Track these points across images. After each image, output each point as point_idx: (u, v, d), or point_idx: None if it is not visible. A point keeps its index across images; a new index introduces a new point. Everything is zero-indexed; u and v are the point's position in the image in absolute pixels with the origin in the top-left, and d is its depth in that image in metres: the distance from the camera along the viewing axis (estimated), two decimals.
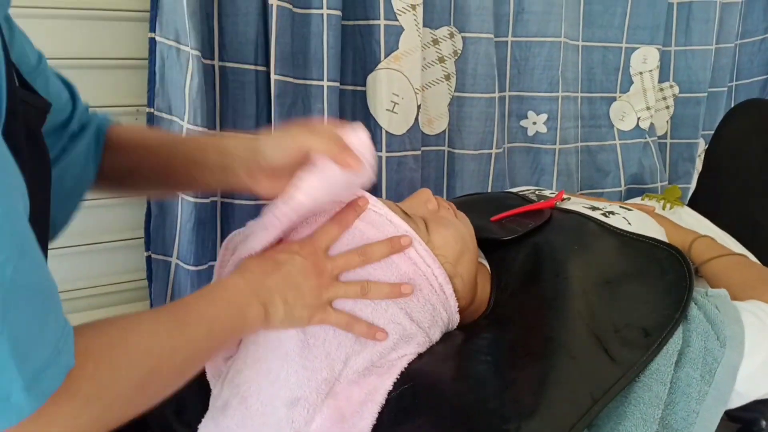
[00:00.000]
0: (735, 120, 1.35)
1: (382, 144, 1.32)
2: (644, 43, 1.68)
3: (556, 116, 1.58)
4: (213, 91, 1.21)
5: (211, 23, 1.19)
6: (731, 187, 1.27)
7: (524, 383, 0.68)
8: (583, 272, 0.81)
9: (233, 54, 1.22)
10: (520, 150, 1.61)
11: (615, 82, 1.70)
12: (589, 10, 1.62)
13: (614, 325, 0.74)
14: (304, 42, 1.22)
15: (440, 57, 1.41)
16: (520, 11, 1.50)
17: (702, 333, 0.73)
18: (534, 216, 0.97)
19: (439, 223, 0.81)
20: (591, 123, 1.71)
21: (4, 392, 0.40)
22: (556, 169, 1.62)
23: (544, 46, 1.53)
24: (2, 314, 0.39)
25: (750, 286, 0.86)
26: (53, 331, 0.43)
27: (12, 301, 0.39)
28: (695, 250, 0.97)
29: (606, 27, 1.64)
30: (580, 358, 0.70)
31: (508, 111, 1.57)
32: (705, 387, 0.71)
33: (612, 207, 1.03)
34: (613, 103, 1.71)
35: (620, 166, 1.73)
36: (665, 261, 0.83)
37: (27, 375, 0.40)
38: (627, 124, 1.72)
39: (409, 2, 1.28)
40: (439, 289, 0.77)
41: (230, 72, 1.23)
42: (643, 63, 1.69)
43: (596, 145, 1.72)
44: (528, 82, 1.56)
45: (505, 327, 0.80)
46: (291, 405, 0.69)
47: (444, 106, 1.44)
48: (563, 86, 1.57)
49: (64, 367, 0.44)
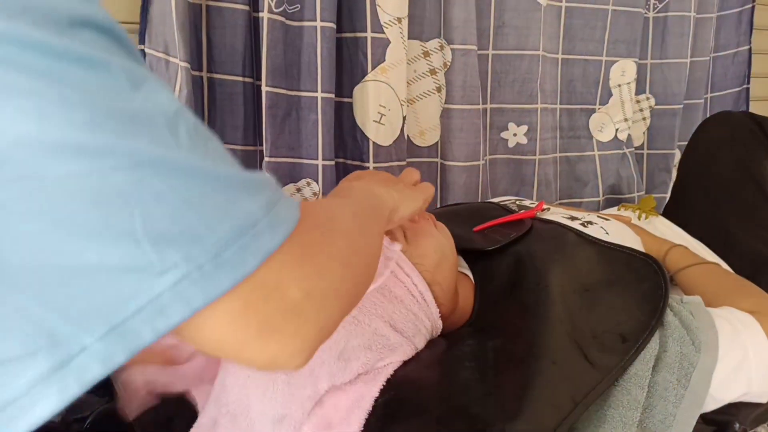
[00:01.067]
0: (707, 132, 1.38)
1: (369, 155, 1.34)
2: (622, 57, 1.71)
3: (535, 127, 1.60)
4: (201, 102, 1.23)
5: (199, 35, 1.21)
6: (703, 197, 1.30)
7: (507, 388, 0.70)
8: (563, 281, 0.84)
9: (221, 66, 1.24)
10: (502, 161, 1.63)
11: (595, 94, 1.73)
12: (570, 23, 1.65)
13: (593, 332, 0.76)
14: (298, 54, 1.23)
15: (431, 69, 1.43)
16: (500, 25, 1.52)
17: (678, 338, 0.76)
18: (515, 226, 1.00)
19: (418, 233, 0.83)
20: (570, 134, 1.73)
21: (250, 221, 0.39)
22: (536, 180, 1.64)
23: (523, 59, 1.55)
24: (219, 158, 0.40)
25: (723, 294, 0.89)
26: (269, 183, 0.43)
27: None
28: (670, 258, 1.00)
29: (587, 40, 1.67)
30: (561, 363, 0.72)
31: (489, 123, 1.60)
32: (681, 391, 0.74)
33: (590, 217, 1.06)
34: (593, 115, 1.74)
35: (599, 176, 1.76)
36: (642, 270, 0.86)
37: (262, 203, 0.40)
38: (606, 135, 1.75)
39: (396, 15, 1.29)
40: (419, 297, 0.79)
41: (218, 83, 1.24)
42: (621, 76, 1.72)
43: (576, 155, 1.75)
44: (508, 94, 1.58)
45: (488, 334, 0.82)
46: (277, 422, 0.70)
47: (436, 117, 1.46)
48: (542, 98, 1.60)
49: (296, 203, 0.44)
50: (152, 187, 0.35)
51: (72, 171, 0.33)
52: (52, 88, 0.33)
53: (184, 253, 0.36)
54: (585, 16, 1.65)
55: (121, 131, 0.35)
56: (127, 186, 0.34)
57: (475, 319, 0.88)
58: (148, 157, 0.36)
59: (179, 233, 0.36)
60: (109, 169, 0.34)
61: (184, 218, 0.36)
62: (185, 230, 0.36)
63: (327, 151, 1.28)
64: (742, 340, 0.78)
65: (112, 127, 0.35)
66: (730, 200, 1.26)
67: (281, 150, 1.25)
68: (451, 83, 1.44)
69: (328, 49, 1.24)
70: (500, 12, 1.51)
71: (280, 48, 1.20)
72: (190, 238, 0.36)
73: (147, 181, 0.35)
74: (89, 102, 0.34)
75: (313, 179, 1.28)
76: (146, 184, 0.35)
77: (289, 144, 1.26)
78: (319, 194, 1.29)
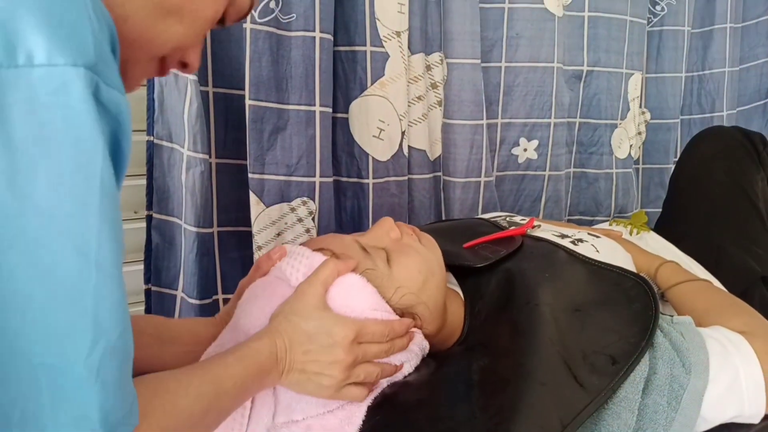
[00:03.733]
0: (698, 147, 1.38)
1: (369, 171, 1.32)
2: (636, 69, 1.69)
3: (547, 143, 1.57)
4: (207, 117, 1.20)
5: (204, 49, 1.18)
6: (694, 212, 1.30)
7: (495, 409, 0.69)
8: (553, 300, 0.83)
9: (226, 80, 1.22)
10: (511, 178, 1.61)
11: (617, 108, 1.69)
12: (594, 34, 1.61)
13: (583, 352, 0.76)
14: (291, 65, 1.20)
15: (433, 83, 1.42)
16: (513, 36, 1.50)
17: (668, 360, 0.75)
18: (505, 243, 0.99)
19: (402, 252, 0.81)
20: (592, 150, 1.69)
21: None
22: (545, 196, 1.62)
23: (536, 71, 1.53)
24: (99, 369, 0.44)
25: (714, 312, 0.88)
26: (130, 393, 0.48)
27: (110, 360, 0.45)
28: (661, 275, 1.00)
29: (610, 52, 1.64)
30: (550, 384, 0.71)
31: (500, 138, 1.57)
32: (672, 413, 0.73)
33: (581, 234, 1.05)
34: (615, 130, 1.70)
35: (613, 195, 1.73)
36: (632, 290, 0.86)
37: (107, 427, 0.45)
38: (623, 151, 1.73)
39: (395, 29, 1.28)
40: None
41: (222, 98, 1.22)
42: (634, 89, 1.71)
43: (594, 172, 1.72)
44: (521, 108, 1.55)
45: (477, 353, 0.81)
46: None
47: (438, 131, 1.45)
48: (559, 112, 1.57)
49: (132, 426, 0.48)
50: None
51: None
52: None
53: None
54: (608, 26, 1.62)
55: None
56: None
57: (465, 337, 0.87)
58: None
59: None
60: None
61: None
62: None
63: (325, 167, 1.25)
64: (733, 361, 0.77)
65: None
66: (722, 216, 1.26)
67: (270, 167, 1.21)
68: (447, 98, 1.43)
69: (326, 62, 1.22)
70: (513, 23, 1.49)
71: (267, 59, 1.17)
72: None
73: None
74: None
75: (310, 198, 1.25)
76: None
77: (281, 160, 1.22)
78: (315, 213, 1.26)
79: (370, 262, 0.78)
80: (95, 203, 0.44)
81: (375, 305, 0.76)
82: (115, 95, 0.46)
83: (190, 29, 0.63)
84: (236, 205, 1.26)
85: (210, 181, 1.21)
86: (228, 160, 1.25)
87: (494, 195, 1.54)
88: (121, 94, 0.47)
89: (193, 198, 1.19)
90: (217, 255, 1.26)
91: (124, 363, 0.47)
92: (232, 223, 1.27)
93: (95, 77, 0.43)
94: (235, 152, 1.24)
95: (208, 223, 1.22)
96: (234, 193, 1.26)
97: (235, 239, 1.28)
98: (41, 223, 0.42)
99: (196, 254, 1.21)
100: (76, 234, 0.43)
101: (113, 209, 0.46)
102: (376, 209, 1.35)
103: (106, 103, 0.45)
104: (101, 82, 0.44)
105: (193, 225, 1.20)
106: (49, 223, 0.42)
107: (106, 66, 0.45)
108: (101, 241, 0.44)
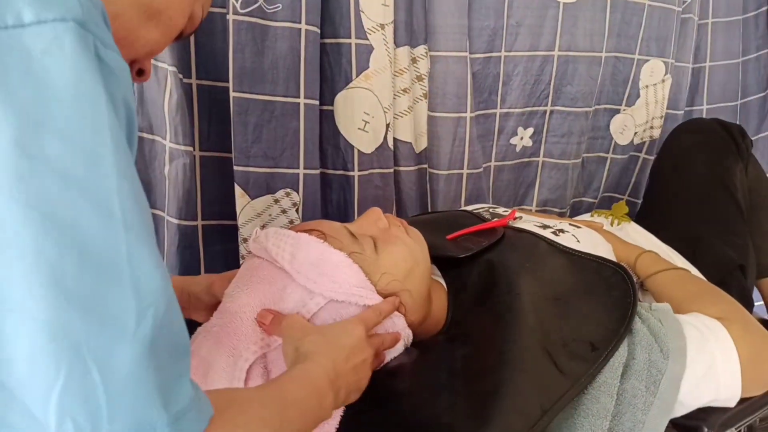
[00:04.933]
0: (679, 139, 1.40)
1: (354, 163, 1.32)
2: (653, 56, 1.64)
3: (542, 130, 1.57)
4: (191, 109, 1.19)
5: (187, 41, 1.17)
6: (674, 203, 1.32)
7: (477, 396, 0.70)
8: (534, 289, 0.84)
9: (209, 72, 1.20)
10: (509, 168, 1.60)
11: (622, 94, 1.66)
12: (613, 18, 1.57)
13: (563, 340, 0.77)
14: (276, 57, 1.19)
15: (419, 76, 1.41)
16: (514, 24, 1.48)
17: (646, 346, 0.77)
18: (488, 234, 1.00)
19: (389, 241, 0.83)
20: (591, 135, 1.68)
21: (149, 424, 0.42)
22: (538, 182, 1.62)
23: (535, 60, 1.51)
24: (151, 345, 0.41)
25: (691, 299, 0.90)
26: (190, 383, 0.46)
27: (162, 336, 0.43)
28: (640, 264, 1.01)
29: (622, 36, 1.60)
30: (531, 371, 0.72)
31: (498, 128, 1.56)
32: (650, 398, 0.74)
33: (562, 225, 1.06)
34: (616, 116, 1.68)
35: (603, 180, 1.72)
36: (611, 278, 0.87)
37: (171, 412, 0.43)
38: (625, 138, 1.70)
39: (379, 21, 1.27)
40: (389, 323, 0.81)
41: (206, 90, 1.21)
42: (649, 76, 1.66)
43: (590, 156, 1.71)
44: (519, 97, 1.54)
45: (459, 342, 0.82)
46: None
47: (424, 124, 1.44)
48: (563, 100, 1.56)
49: (207, 414, 0.47)
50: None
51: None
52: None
53: None
54: (625, 11, 1.58)
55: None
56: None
57: (449, 327, 0.88)
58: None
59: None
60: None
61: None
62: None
63: (309, 159, 1.25)
64: (710, 346, 0.79)
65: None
66: (701, 206, 1.28)
67: (256, 159, 1.21)
68: (431, 90, 1.43)
69: (312, 54, 1.21)
70: (513, 11, 1.47)
71: (250, 50, 1.16)
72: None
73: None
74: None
75: (293, 189, 1.25)
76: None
77: (266, 152, 1.21)
78: (299, 204, 1.27)
79: (357, 247, 0.80)
80: (109, 158, 0.42)
81: (360, 284, 0.77)
82: (116, 56, 0.45)
83: (163, 37, 0.65)
84: (220, 197, 1.26)
85: (194, 174, 1.20)
86: (212, 153, 1.24)
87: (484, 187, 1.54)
88: (121, 58, 0.46)
89: (176, 190, 1.18)
90: (201, 248, 1.26)
91: (178, 350, 0.45)
92: (215, 216, 1.27)
93: (88, 34, 0.42)
94: (219, 145, 1.24)
95: (191, 216, 1.22)
96: (218, 186, 1.25)
97: (219, 232, 1.27)
98: (58, 185, 0.40)
99: (178, 247, 1.20)
100: (94, 191, 0.41)
101: (129, 166, 0.44)
102: (361, 201, 1.36)
103: (108, 61, 0.44)
104: (98, 41, 0.43)
105: (175, 217, 1.19)
106: (65, 184, 0.40)
107: (99, 29, 0.44)
108: (122, 198, 0.42)
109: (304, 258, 0.76)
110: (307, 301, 0.75)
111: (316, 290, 0.75)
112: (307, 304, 0.75)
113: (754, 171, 1.35)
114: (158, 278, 0.43)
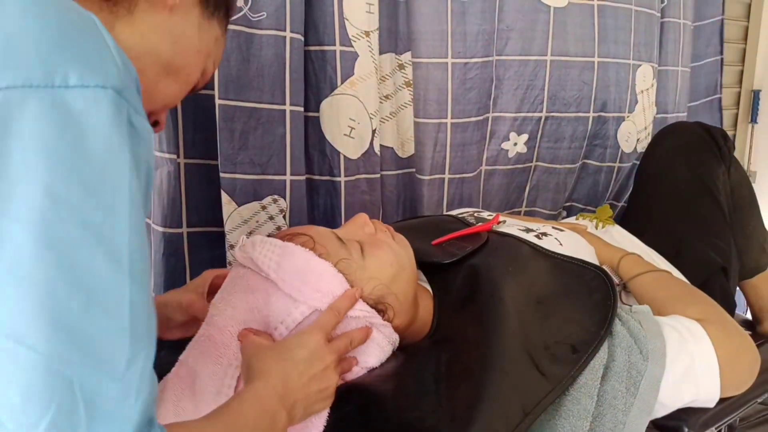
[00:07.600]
0: (661, 143, 1.42)
1: (340, 169, 1.32)
2: (644, 61, 1.66)
3: (536, 136, 1.56)
4: (175, 117, 1.19)
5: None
6: (658, 206, 1.34)
7: (460, 399, 0.71)
8: (516, 293, 0.85)
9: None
10: (501, 173, 1.60)
11: (626, 100, 1.65)
12: (604, 23, 1.56)
13: (545, 342, 0.78)
14: (262, 65, 1.19)
15: (407, 81, 1.42)
16: (504, 29, 1.48)
17: (626, 348, 0.78)
18: (472, 239, 1.01)
19: (375, 245, 0.84)
20: (596, 143, 1.66)
21: None
22: (528, 187, 1.62)
23: (528, 65, 1.51)
24: (139, 387, 0.46)
25: (672, 301, 0.91)
26: (158, 427, 0.48)
27: (149, 376, 0.47)
28: (623, 267, 1.03)
29: (619, 43, 1.60)
30: (513, 373, 0.73)
31: (490, 133, 1.55)
32: (630, 399, 0.75)
33: (545, 228, 1.07)
34: (623, 123, 1.67)
35: (610, 188, 1.72)
36: (592, 282, 0.88)
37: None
38: (629, 145, 1.70)
39: (363, 29, 1.28)
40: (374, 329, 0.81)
41: (191, 98, 1.18)
42: (643, 81, 1.67)
43: (596, 164, 1.69)
44: (511, 102, 1.53)
45: (443, 346, 0.83)
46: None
47: (411, 130, 1.45)
48: (559, 106, 1.56)
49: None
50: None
51: None
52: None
53: None
54: (616, 16, 1.58)
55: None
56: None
57: (434, 332, 0.89)
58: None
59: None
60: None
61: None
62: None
63: (296, 165, 1.26)
64: (689, 347, 0.80)
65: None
66: (684, 209, 1.30)
67: (243, 166, 1.21)
68: (414, 97, 1.44)
69: (297, 62, 1.22)
70: (503, 16, 1.46)
71: (236, 58, 1.16)
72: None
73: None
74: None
75: (281, 195, 1.25)
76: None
77: (253, 159, 1.22)
78: (287, 211, 1.27)
79: (345, 252, 0.80)
80: (125, 213, 0.47)
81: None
82: (144, 122, 0.50)
83: (180, 91, 0.72)
84: (206, 205, 1.26)
85: (178, 181, 1.21)
86: (197, 160, 1.25)
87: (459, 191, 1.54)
88: (148, 122, 0.51)
89: (161, 198, 1.19)
90: (186, 256, 1.26)
91: (152, 395, 0.48)
92: (202, 224, 1.27)
93: (123, 101, 0.48)
94: (204, 152, 1.24)
95: (176, 224, 1.22)
96: (204, 193, 1.25)
97: (206, 239, 1.28)
98: (77, 231, 0.44)
99: (163, 254, 1.21)
100: (108, 241, 0.46)
101: (141, 222, 0.48)
102: (348, 207, 1.36)
103: (137, 126, 0.49)
104: (131, 108, 0.48)
105: (160, 225, 1.20)
106: (83, 230, 0.44)
107: (132, 97, 0.49)
108: (132, 250, 0.47)
109: (289, 266, 0.76)
110: (291, 310, 0.76)
111: (300, 299, 0.75)
112: (291, 313, 0.76)
113: (737, 174, 1.37)
114: (152, 325, 0.48)
